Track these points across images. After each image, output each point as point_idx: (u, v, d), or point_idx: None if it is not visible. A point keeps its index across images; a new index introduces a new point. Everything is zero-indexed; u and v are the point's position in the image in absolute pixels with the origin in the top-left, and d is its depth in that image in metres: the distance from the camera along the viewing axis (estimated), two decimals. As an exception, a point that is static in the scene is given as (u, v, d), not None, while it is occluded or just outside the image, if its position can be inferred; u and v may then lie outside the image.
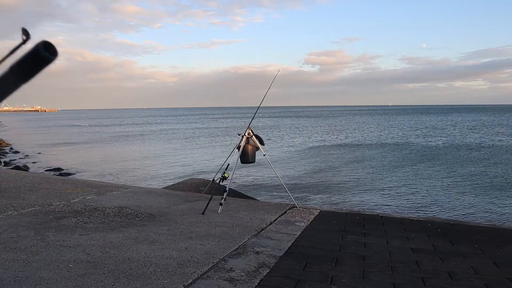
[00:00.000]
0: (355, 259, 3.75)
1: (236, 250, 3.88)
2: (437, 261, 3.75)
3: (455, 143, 25.14)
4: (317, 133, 36.40)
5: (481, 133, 33.48)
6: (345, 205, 8.91)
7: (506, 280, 3.32)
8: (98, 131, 44.87)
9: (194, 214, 5.24)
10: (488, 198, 10.14)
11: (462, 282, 3.27)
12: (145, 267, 3.33)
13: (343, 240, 4.37)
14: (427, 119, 62.61)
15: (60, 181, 7.84)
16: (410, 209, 8.98)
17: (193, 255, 3.67)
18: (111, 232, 4.25)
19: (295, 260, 3.66)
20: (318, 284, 3.15)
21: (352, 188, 11.41)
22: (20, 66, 0.62)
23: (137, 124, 61.92)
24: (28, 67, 0.62)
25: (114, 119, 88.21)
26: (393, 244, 4.26)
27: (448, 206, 9.32)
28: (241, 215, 5.24)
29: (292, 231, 4.60)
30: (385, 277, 3.33)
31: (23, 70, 0.63)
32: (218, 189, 6.01)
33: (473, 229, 4.94)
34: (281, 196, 9.58)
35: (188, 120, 77.36)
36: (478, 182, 12.33)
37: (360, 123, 55.08)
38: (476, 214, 8.54)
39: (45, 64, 0.63)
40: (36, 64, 0.62)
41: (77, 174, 15.53)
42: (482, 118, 64.96)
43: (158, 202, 5.81)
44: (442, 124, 47.75)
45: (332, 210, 6.19)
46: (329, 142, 27.31)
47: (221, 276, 3.22)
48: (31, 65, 0.62)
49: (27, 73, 0.62)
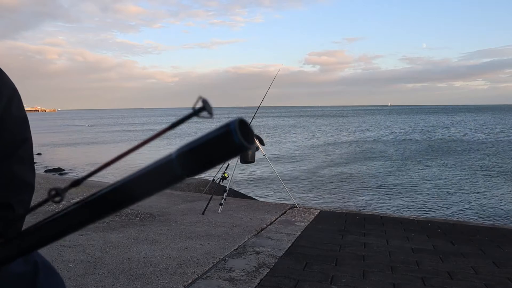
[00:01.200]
0: (355, 259, 3.75)
1: (236, 250, 3.88)
2: (437, 261, 3.75)
3: (455, 143, 25.14)
4: (317, 133, 36.43)
5: (481, 133, 33.48)
6: (345, 205, 8.91)
7: (506, 280, 3.32)
8: (98, 131, 44.89)
9: (194, 214, 5.24)
10: (488, 198, 10.14)
11: (462, 282, 3.27)
12: (145, 267, 3.33)
13: (343, 240, 4.37)
14: (427, 119, 62.64)
15: (60, 181, 7.84)
16: (410, 209, 8.98)
17: (193, 255, 3.67)
18: (111, 232, 4.25)
19: (295, 260, 3.66)
20: (318, 284, 3.15)
21: (352, 188, 11.40)
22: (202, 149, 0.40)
23: (137, 124, 61.96)
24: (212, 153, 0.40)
25: (114, 119, 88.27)
26: (393, 244, 4.26)
27: (448, 206, 9.32)
28: (241, 215, 5.24)
29: (292, 231, 4.60)
30: (385, 277, 3.33)
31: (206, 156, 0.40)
32: (218, 189, 6.01)
33: (473, 229, 4.94)
34: (281, 196, 9.57)
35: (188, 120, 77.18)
36: (478, 182, 12.33)
37: (360, 123, 55.10)
38: (476, 214, 8.54)
39: (236, 154, 0.40)
40: (223, 152, 0.40)
41: (77, 174, 15.53)
42: (483, 118, 65.00)
43: (158, 202, 5.80)
44: (442, 124, 47.77)
45: (332, 210, 6.18)
46: (329, 142, 27.31)
47: (221, 276, 3.22)
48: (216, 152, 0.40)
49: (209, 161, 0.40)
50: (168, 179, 0.43)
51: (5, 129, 0.89)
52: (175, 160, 0.41)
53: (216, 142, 0.39)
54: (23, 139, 0.93)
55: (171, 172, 0.42)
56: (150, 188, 0.44)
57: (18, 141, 0.92)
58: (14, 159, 0.90)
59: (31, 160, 0.95)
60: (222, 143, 0.39)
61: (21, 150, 0.92)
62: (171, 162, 0.41)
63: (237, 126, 0.39)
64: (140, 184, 0.44)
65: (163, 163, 0.42)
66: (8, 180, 0.88)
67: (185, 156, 0.41)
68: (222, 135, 0.39)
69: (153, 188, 0.44)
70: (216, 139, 0.39)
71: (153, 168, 0.43)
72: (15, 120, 0.91)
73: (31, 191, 0.94)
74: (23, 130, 0.94)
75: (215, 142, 0.39)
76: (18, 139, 0.92)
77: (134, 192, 0.45)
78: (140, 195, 0.45)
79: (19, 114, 0.93)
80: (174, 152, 0.42)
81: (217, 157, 0.40)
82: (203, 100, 0.41)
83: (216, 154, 0.40)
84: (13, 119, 0.91)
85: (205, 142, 0.40)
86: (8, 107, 0.90)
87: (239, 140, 0.38)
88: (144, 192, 0.45)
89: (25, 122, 0.95)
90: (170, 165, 0.42)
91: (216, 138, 0.39)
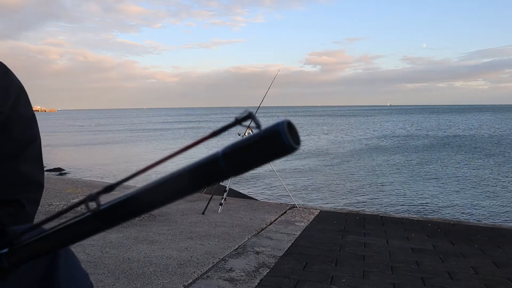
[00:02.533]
0: (355, 259, 3.75)
1: (236, 250, 3.88)
2: (437, 261, 3.75)
3: (455, 142, 25.14)
4: (317, 132, 36.42)
5: (481, 133, 33.48)
6: (345, 205, 8.91)
7: (506, 280, 3.32)
8: (98, 131, 44.89)
9: (194, 214, 5.24)
10: (488, 198, 10.14)
11: (462, 282, 3.27)
12: (145, 267, 3.33)
13: (343, 240, 4.37)
14: (428, 119, 62.63)
15: (60, 181, 7.85)
16: (410, 209, 8.98)
17: (193, 255, 3.67)
18: (111, 232, 4.26)
19: (295, 260, 3.66)
20: (318, 284, 3.15)
21: (352, 188, 11.40)
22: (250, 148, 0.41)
23: (137, 124, 61.95)
24: (260, 153, 0.41)
25: (114, 119, 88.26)
26: (393, 244, 4.26)
27: (448, 206, 9.32)
28: (241, 215, 5.24)
29: (292, 231, 4.60)
30: (385, 277, 3.33)
31: (254, 155, 0.41)
32: (218, 189, 6.01)
33: (473, 229, 4.94)
34: (281, 196, 9.58)
35: (189, 120, 77.41)
36: (478, 181, 12.33)
37: (360, 123, 55.09)
38: (476, 214, 8.54)
39: (284, 154, 0.40)
40: (271, 152, 0.40)
41: (77, 174, 15.53)
42: (483, 118, 64.98)
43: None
44: (442, 124, 47.76)
45: (332, 210, 6.19)
46: (329, 142, 27.31)
47: (221, 276, 3.22)
48: (264, 151, 0.40)
49: (256, 160, 0.41)
50: (212, 176, 0.43)
51: (13, 128, 0.89)
52: (221, 158, 0.42)
53: (265, 142, 0.40)
54: (32, 137, 0.94)
55: (216, 169, 0.42)
56: (194, 184, 0.45)
57: (27, 140, 0.92)
58: (23, 158, 0.90)
59: (40, 159, 0.96)
60: (271, 143, 0.40)
61: (30, 148, 0.92)
62: (217, 159, 0.42)
63: (286, 127, 0.39)
64: (183, 181, 0.45)
65: (209, 160, 0.43)
66: (17, 178, 0.88)
67: (233, 154, 0.41)
68: (272, 136, 0.39)
69: (196, 184, 0.45)
70: (265, 140, 0.40)
71: (199, 165, 0.44)
72: (24, 118, 0.92)
73: (40, 189, 0.95)
74: (31, 129, 0.94)
75: (264, 142, 0.40)
76: (27, 138, 0.93)
77: (177, 189, 0.46)
78: (182, 192, 0.46)
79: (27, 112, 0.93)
80: (220, 150, 0.42)
81: (265, 157, 0.41)
82: (249, 113, 0.42)
83: (264, 154, 0.41)
84: (21, 117, 0.91)
85: (254, 141, 0.40)
86: (16, 105, 0.90)
87: (288, 141, 0.39)
88: (186, 189, 0.45)
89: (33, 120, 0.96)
90: (216, 162, 0.42)
91: (265, 138, 0.40)
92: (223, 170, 0.42)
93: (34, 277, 0.67)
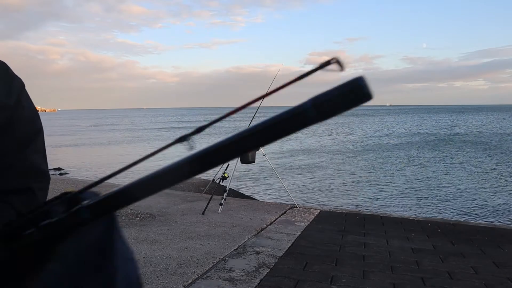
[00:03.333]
0: (355, 259, 3.75)
1: (236, 250, 3.88)
2: (437, 261, 3.75)
3: (455, 142, 25.14)
4: (317, 133, 36.42)
5: (481, 132, 33.47)
6: (345, 205, 8.90)
7: (506, 280, 3.32)
8: (98, 131, 44.88)
9: (194, 214, 5.24)
10: (488, 198, 10.14)
11: (462, 282, 3.27)
12: (145, 267, 3.33)
13: (343, 240, 4.37)
14: (428, 119, 62.63)
15: (60, 181, 7.85)
16: (410, 209, 8.98)
17: (193, 255, 3.67)
18: (111, 232, 4.25)
19: (295, 260, 3.66)
20: (318, 284, 3.15)
21: (352, 188, 11.40)
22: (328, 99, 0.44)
23: (136, 124, 61.95)
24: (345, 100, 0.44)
25: (115, 119, 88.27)
26: (393, 244, 4.26)
27: (448, 206, 9.32)
28: (241, 215, 5.24)
29: (292, 231, 4.60)
30: (385, 277, 3.33)
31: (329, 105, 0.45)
32: (218, 189, 6.01)
33: (473, 229, 4.94)
34: (281, 196, 9.57)
35: (189, 120, 77.39)
36: (478, 181, 12.33)
37: (361, 123, 55.09)
38: (476, 214, 8.53)
39: (358, 103, 0.44)
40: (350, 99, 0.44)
41: (77, 174, 15.53)
42: (483, 118, 64.97)
43: (158, 202, 5.80)
44: (442, 124, 47.75)
45: (332, 210, 6.19)
46: (330, 141, 27.31)
47: (221, 276, 3.22)
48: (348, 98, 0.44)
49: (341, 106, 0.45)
50: (301, 122, 0.47)
51: (21, 120, 0.93)
52: (310, 105, 0.46)
53: (349, 89, 0.44)
54: (37, 129, 0.98)
55: (306, 114, 0.46)
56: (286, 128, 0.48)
57: (34, 132, 0.97)
58: (31, 149, 0.95)
59: (44, 151, 1.00)
60: (354, 90, 0.44)
61: (36, 140, 0.97)
62: (306, 106, 0.46)
63: (365, 78, 0.44)
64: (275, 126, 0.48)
65: (299, 108, 0.46)
66: (27, 168, 0.93)
67: (321, 101, 0.46)
68: (354, 84, 0.44)
69: (288, 128, 0.48)
70: (348, 87, 0.44)
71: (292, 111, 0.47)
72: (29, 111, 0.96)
73: (48, 179, 0.99)
74: (36, 121, 0.99)
75: (349, 90, 0.44)
76: (34, 130, 0.97)
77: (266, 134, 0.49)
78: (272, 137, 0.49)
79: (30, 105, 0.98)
80: (309, 100, 0.46)
81: (349, 103, 0.45)
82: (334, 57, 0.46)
83: (348, 100, 0.45)
84: (26, 110, 0.96)
85: (339, 90, 0.45)
86: (21, 98, 0.94)
87: (367, 88, 0.43)
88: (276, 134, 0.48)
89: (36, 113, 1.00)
90: (305, 109, 0.46)
91: (348, 86, 0.44)
92: (311, 116, 0.46)
93: (93, 237, 0.71)
